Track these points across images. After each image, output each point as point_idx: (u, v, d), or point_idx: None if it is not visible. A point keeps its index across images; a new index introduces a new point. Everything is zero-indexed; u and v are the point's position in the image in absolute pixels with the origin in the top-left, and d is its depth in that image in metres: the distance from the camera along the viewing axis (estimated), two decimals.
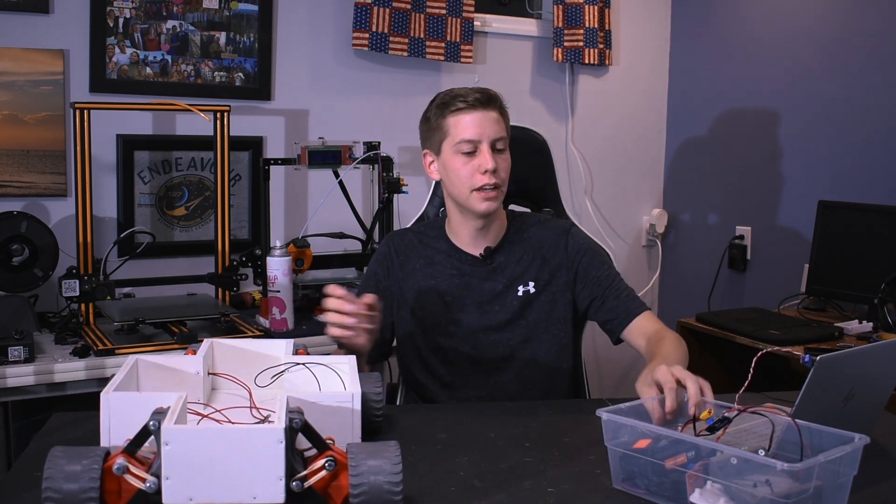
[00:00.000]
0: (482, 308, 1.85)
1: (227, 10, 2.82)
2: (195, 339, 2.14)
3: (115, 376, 1.29)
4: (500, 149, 1.78)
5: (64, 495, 1.02)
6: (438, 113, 1.80)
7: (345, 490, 1.08)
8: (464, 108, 1.76)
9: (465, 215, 1.84)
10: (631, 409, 1.33)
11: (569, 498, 1.23)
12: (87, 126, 2.27)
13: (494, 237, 1.88)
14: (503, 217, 1.91)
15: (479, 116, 1.76)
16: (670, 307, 3.71)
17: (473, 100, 1.76)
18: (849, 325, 2.57)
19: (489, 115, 1.77)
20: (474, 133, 1.76)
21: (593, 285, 1.85)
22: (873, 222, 2.70)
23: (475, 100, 1.76)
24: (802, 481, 1.11)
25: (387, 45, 3.02)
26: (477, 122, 1.76)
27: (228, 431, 1.06)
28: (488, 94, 1.79)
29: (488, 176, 1.75)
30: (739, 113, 3.37)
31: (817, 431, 1.24)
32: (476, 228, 1.85)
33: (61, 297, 2.29)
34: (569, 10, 3.36)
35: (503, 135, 1.79)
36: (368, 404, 1.41)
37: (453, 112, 1.78)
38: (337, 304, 1.58)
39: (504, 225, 1.90)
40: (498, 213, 1.86)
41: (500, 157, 1.78)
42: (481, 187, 1.76)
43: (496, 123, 1.77)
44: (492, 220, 1.85)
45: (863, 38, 2.90)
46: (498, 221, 1.88)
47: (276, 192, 2.80)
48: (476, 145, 1.76)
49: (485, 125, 1.76)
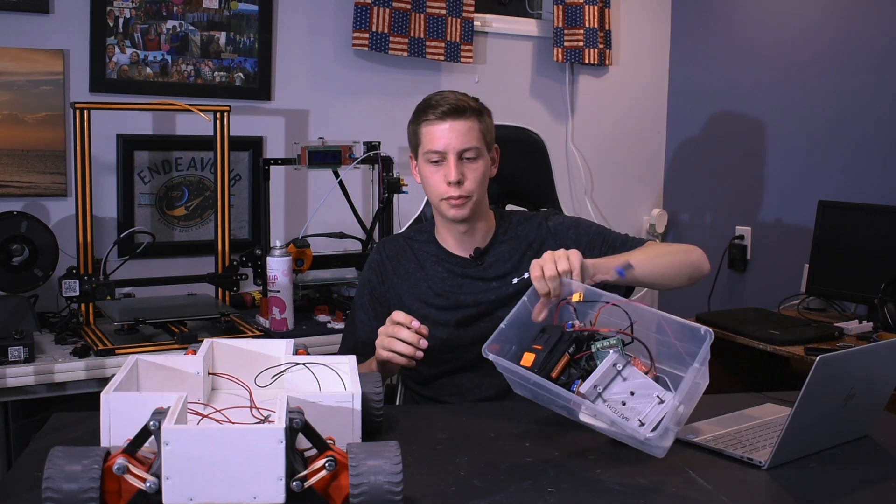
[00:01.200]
0: (478, 298, 1.85)
1: (227, 10, 2.82)
2: (195, 339, 2.14)
3: (115, 376, 1.29)
4: (469, 157, 1.78)
5: (64, 495, 1.02)
6: (414, 120, 1.83)
7: (345, 490, 1.08)
8: (433, 118, 1.78)
9: (445, 220, 1.86)
10: (510, 324, 1.44)
11: (569, 498, 1.23)
12: (87, 126, 2.27)
13: (482, 238, 1.88)
14: (491, 218, 1.91)
15: (446, 127, 1.77)
16: (670, 307, 3.70)
17: (441, 112, 1.77)
18: (849, 325, 2.57)
19: (458, 126, 1.77)
20: (440, 144, 1.77)
21: (587, 249, 1.84)
22: (873, 222, 2.70)
23: (443, 111, 1.77)
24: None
25: (387, 45, 3.02)
26: (444, 133, 1.77)
27: (228, 431, 1.06)
28: (460, 104, 1.78)
29: (453, 187, 1.77)
30: (739, 113, 3.37)
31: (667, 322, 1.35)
32: (460, 232, 1.87)
33: (61, 297, 2.29)
34: (569, 10, 3.36)
35: (472, 144, 1.78)
36: (368, 404, 1.41)
37: (424, 122, 1.80)
38: (400, 331, 1.61)
39: (493, 226, 1.91)
40: (480, 216, 1.86)
41: (470, 167, 1.78)
42: (448, 197, 1.78)
43: (466, 133, 1.77)
44: (474, 224, 1.86)
45: (863, 38, 2.90)
46: (484, 223, 1.88)
47: (276, 192, 2.80)
48: (443, 156, 1.78)
49: (451, 136, 1.77)
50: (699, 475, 1.35)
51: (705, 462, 1.41)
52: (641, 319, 1.36)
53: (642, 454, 1.44)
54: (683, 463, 1.40)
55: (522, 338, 1.44)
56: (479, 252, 1.87)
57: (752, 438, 1.49)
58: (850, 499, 1.31)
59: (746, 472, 1.37)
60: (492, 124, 1.86)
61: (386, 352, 1.63)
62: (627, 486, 1.30)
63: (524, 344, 1.41)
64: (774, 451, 1.37)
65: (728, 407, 1.67)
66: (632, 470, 1.36)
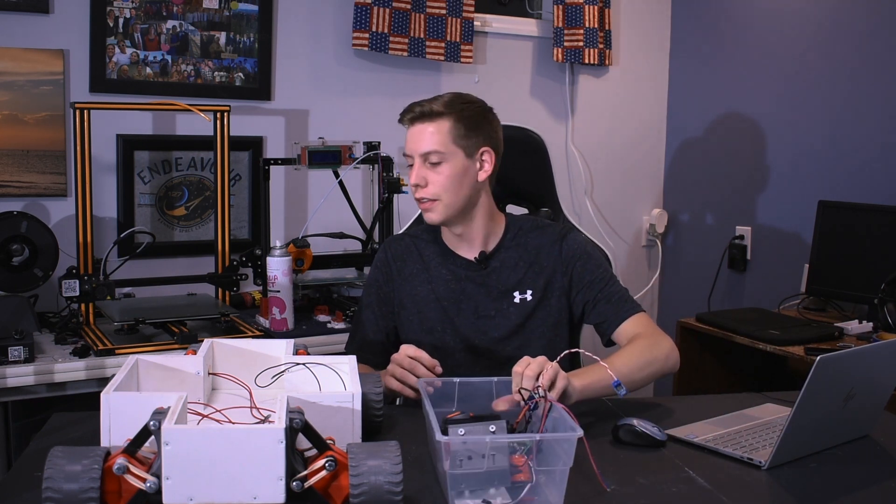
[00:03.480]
0: (478, 314, 1.85)
1: (227, 10, 2.82)
2: (195, 339, 2.14)
3: (116, 376, 1.29)
4: (434, 161, 1.78)
5: (64, 495, 1.02)
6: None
7: (345, 490, 1.08)
8: (405, 123, 1.82)
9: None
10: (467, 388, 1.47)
11: (569, 498, 1.23)
12: (87, 126, 2.27)
13: (486, 241, 1.88)
14: (499, 220, 1.91)
15: (414, 131, 1.80)
16: (670, 307, 3.71)
17: (410, 116, 1.80)
18: (849, 325, 2.57)
19: (422, 129, 1.78)
20: (408, 147, 1.81)
21: (587, 289, 1.85)
22: (873, 222, 2.70)
23: (412, 116, 1.80)
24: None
25: (387, 45, 3.02)
26: (412, 136, 1.80)
27: (229, 431, 1.06)
28: (424, 108, 1.79)
29: (417, 190, 1.80)
30: (739, 113, 3.37)
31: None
32: (457, 234, 1.87)
33: (61, 297, 2.29)
34: (569, 10, 3.36)
35: (435, 148, 1.77)
36: (368, 404, 1.41)
37: (404, 125, 1.83)
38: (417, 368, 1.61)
39: (501, 229, 1.90)
40: (468, 220, 1.85)
41: (433, 171, 1.78)
42: (417, 199, 1.82)
43: (430, 137, 1.77)
44: (468, 228, 1.85)
45: (863, 38, 2.90)
46: (483, 227, 1.87)
47: (276, 192, 2.80)
48: (411, 159, 1.81)
49: (416, 140, 1.79)
50: (699, 475, 1.35)
51: (705, 462, 1.41)
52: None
53: (642, 454, 1.44)
54: (683, 463, 1.40)
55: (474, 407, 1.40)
56: (484, 256, 1.87)
57: (752, 438, 1.49)
58: (850, 499, 1.31)
59: (746, 472, 1.37)
60: (478, 127, 1.80)
61: (397, 383, 1.63)
62: (627, 486, 1.30)
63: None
64: (774, 451, 1.37)
65: (728, 407, 1.67)
66: (632, 470, 1.36)
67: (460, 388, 1.47)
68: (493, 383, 1.48)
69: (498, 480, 1.22)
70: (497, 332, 1.84)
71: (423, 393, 1.37)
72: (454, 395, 1.47)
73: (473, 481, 1.22)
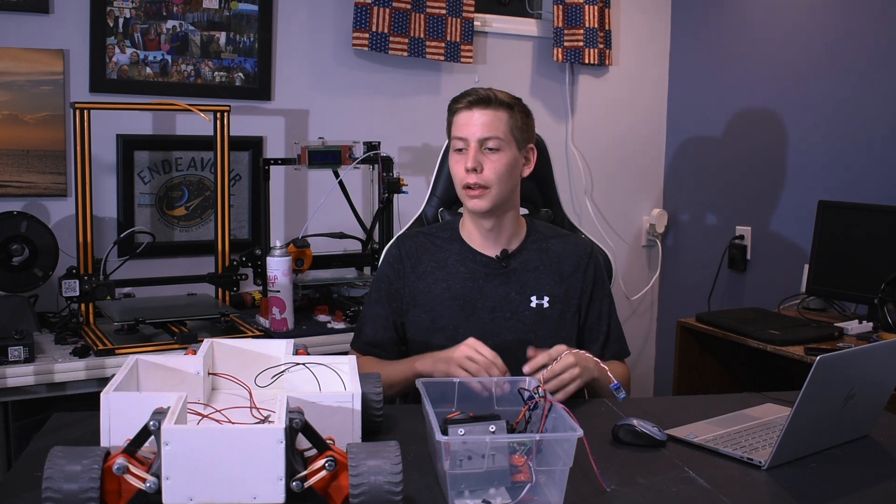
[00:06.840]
0: (494, 313, 1.85)
1: (227, 10, 2.82)
2: (195, 339, 2.14)
3: (115, 376, 1.29)
4: (491, 148, 1.79)
5: (64, 495, 1.02)
6: (448, 109, 1.87)
7: (345, 490, 1.08)
8: (461, 107, 1.81)
9: (473, 215, 1.87)
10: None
11: (569, 498, 1.23)
12: (87, 126, 2.27)
13: (509, 240, 1.89)
14: (522, 222, 1.92)
15: (472, 115, 1.80)
16: (670, 307, 3.71)
17: (469, 100, 1.80)
18: (849, 325, 2.57)
19: (483, 114, 1.79)
20: (464, 131, 1.80)
21: (590, 317, 1.91)
22: (873, 222, 2.70)
23: (471, 100, 1.80)
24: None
25: (387, 45, 3.02)
26: (469, 120, 1.80)
27: (228, 431, 1.06)
28: (488, 95, 1.81)
29: (471, 175, 1.79)
30: (739, 113, 3.37)
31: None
32: (486, 229, 1.87)
33: (61, 297, 2.29)
34: (569, 10, 3.36)
35: (495, 134, 1.79)
36: (368, 404, 1.41)
37: (455, 111, 1.83)
38: (489, 365, 1.63)
39: (523, 231, 1.92)
40: (506, 213, 1.86)
41: (489, 157, 1.79)
42: (466, 185, 1.80)
43: (490, 123, 1.79)
44: (500, 221, 1.86)
45: (863, 38, 2.90)
46: (512, 223, 1.88)
47: (276, 192, 2.80)
48: (466, 143, 1.80)
49: (474, 124, 1.79)
50: (699, 475, 1.35)
51: (705, 462, 1.41)
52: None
53: (642, 455, 1.44)
54: (683, 463, 1.40)
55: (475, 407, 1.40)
56: (507, 254, 1.87)
57: (752, 438, 1.49)
58: (850, 499, 1.31)
59: (746, 472, 1.38)
60: (528, 123, 1.87)
61: (465, 373, 1.63)
62: (627, 486, 1.30)
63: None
64: (774, 451, 1.37)
65: (728, 407, 1.67)
66: (632, 470, 1.36)
67: (460, 388, 1.47)
68: (493, 383, 1.48)
69: (498, 480, 1.22)
70: (510, 334, 1.84)
71: (424, 393, 1.37)
72: (454, 395, 1.47)
73: (473, 481, 1.22)
